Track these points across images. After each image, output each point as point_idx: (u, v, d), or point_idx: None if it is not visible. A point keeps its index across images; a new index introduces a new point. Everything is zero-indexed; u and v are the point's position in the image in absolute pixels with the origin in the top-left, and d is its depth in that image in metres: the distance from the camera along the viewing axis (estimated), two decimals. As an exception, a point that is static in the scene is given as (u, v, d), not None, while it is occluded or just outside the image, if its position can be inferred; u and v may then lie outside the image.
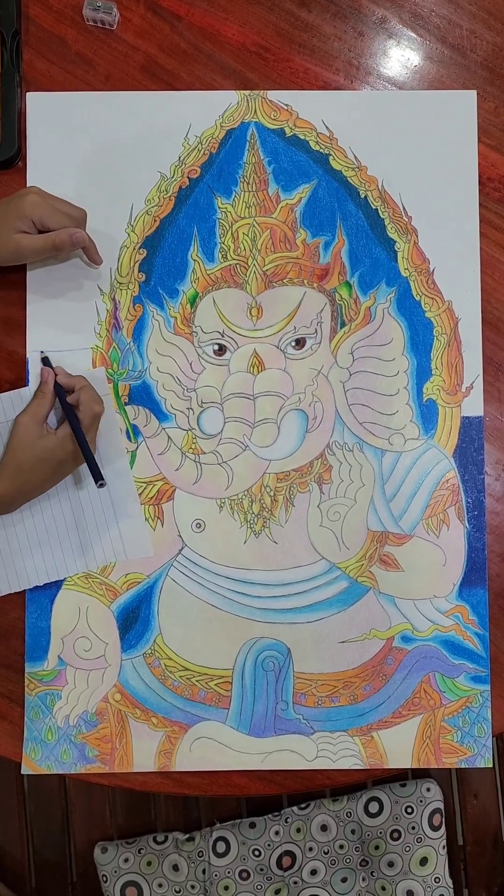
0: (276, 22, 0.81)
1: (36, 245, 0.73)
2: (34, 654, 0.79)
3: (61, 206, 0.74)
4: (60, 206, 0.74)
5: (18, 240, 0.72)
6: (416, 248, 0.80)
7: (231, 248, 0.79)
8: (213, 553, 0.79)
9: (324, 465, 0.79)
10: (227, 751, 0.78)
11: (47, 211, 0.72)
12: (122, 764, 0.78)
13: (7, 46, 0.79)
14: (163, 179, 0.80)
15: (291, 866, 1.08)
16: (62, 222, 0.73)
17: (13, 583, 0.78)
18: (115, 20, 0.80)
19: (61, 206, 0.74)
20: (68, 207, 0.74)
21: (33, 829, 1.28)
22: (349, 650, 0.78)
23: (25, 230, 0.73)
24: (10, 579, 0.78)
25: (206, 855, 1.09)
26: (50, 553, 0.78)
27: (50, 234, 0.73)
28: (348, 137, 0.80)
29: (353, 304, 0.79)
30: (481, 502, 0.79)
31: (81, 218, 0.75)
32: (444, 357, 0.79)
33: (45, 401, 0.74)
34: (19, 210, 0.72)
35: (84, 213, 0.76)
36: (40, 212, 0.72)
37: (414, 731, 0.78)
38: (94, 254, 0.77)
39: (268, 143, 0.80)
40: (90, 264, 0.78)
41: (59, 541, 0.78)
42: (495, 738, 0.79)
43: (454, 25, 0.81)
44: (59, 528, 0.78)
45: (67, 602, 0.79)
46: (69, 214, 0.74)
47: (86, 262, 0.78)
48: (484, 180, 0.80)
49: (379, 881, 1.07)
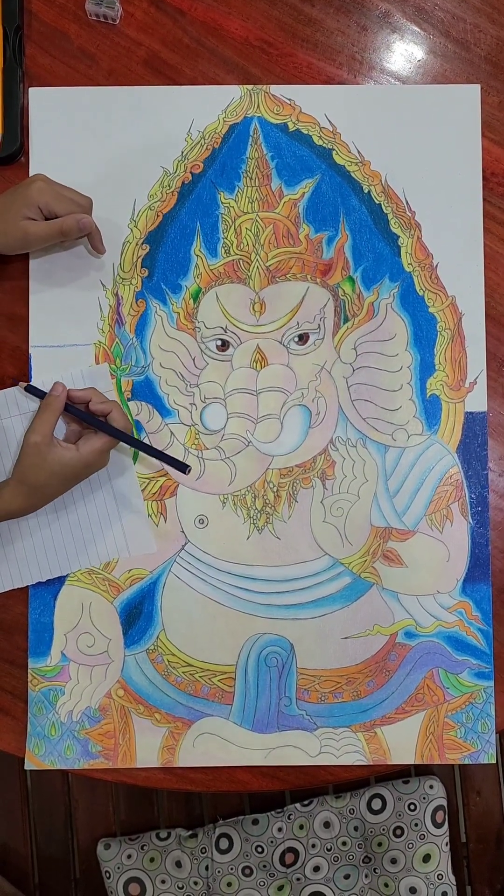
0: (279, 16, 0.81)
1: (43, 231, 0.73)
2: (37, 650, 0.79)
3: (67, 193, 0.74)
4: (66, 193, 0.74)
5: (26, 226, 0.72)
6: (419, 243, 0.79)
7: (234, 244, 0.79)
8: (216, 549, 0.79)
9: (327, 461, 0.79)
10: (230, 747, 0.78)
11: (54, 197, 0.72)
12: (125, 760, 0.78)
13: (10, 41, 0.79)
14: (165, 174, 0.79)
15: (294, 863, 1.08)
16: (69, 208, 0.73)
17: (16, 578, 0.78)
18: (118, 15, 0.80)
19: (67, 193, 0.74)
20: (74, 194, 0.74)
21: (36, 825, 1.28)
22: (352, 646, 0.78)
23: (32, 217, 0.72)
24: (13, 575, 0.78)
25: (209, 851, 1.09)
26: (53, 549, 0.78)
27: (57, 220, 0.73)
28: (351, 132, 0.79)
29: (357, 300, 0.79)
30: (485, 498, 0.79)
31: (87, 205, 0.75)
32: (447, 352, 0.79)
33: (54, 415, 0.73)
34: (26, 197, 0.72)
35: (90, 201, 0.75)
36: (47, 198, 0.72)
37: (417, 727, 0.78)
38: (98, 242, 0.77)
39: (271, 138, 0.79)
40: (93, 253, 0.78)
41: (62, 537, 0.78)
42: (499, 734, 0.79)
43: (458, 20, 0.81)
44: (62, 525, 0.78)
45: (70, 598, 0.79)
46: (75, 201, 0.74)
47: (89, 250, 0.78)
48: (487, 175, 0.80)
49: (382, 878, 1.07)
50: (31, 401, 0.76)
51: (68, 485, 0.74)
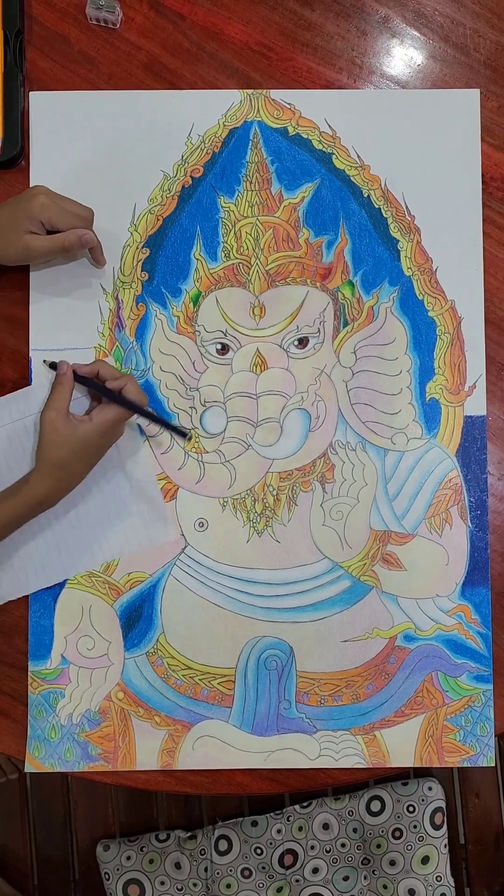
0: (280, 21, 0.81)
1: (45, 246, 0.73)
2: (37, 653, 0.79)
3: (69, 206, 0.74)
4: (68, 206, 0.74)
5: (28, 241, 0.72)
6: (418, 247, 0.80)
7: (234, 248, 0.79)
8: (216, 552, 0.79)
9: (326, 465, 0.79)
10: (229, 749, 0.78)
11: (56, 212, 0.72)
12: (124, 762, 0.78)
13: (10, 45, 0.79)
14: (166, 178, 0.80)
15: (293, 864, 1.08)
16: (71, 223, 0.73)
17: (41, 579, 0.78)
18: (119, 19, 0.80)
19: (69, 206, 0.74)
20: (76, 207, 0.74)
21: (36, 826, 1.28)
22: (352, 649, 0.78)
23: (34, 231, 0.73)
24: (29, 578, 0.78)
25: (209, 853, 1.09)
26: (76, 546, 0.78)
27: (59, 235, 0.73)
28: (351, 136, 0.80)
29: (356, 304, 0.79)
30: (484, 502, 0.79)
31: (89, 217, 0.75)
32: (446, 356, 0.79)
33: (66, 391, 0.73)
34: (28, 211, 0.72)
35: (91, 213, 0.75)
36: (49, 213, 0.72)
37: (416, 730, 0.78)
38: (99, 255, 0.77)
39: (271, 143, 0.80)
40: (94, 264, 0.79)
41: (80, 532, 0.78)
42: (497, 737, 0.79)
43: (457, 24, 0.81)
44: (80, 517, 0.78)
45: (70, 600, 0.79)
46: (77, 214, 0.74)
47: (90, 262, 0.79)
48: (487, 179, 0.80)
49: (380, 880, 1.07)
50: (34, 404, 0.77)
51: (89, 460, 0.73)
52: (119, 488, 0.78)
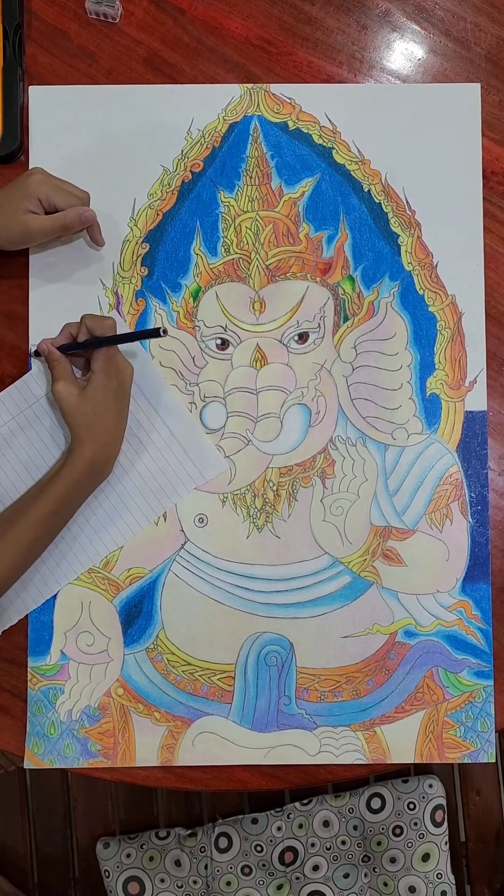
0: (280, 15, 0.81)
1: (45, 225, 0.73)
2: (37, 649, 0.79)
3: (66, 186, 0.74)
4: (65, 186, 0.74)
5: (27, 220, 0.72)
6: (419, 242, 0.79)
7: (234, 243, 0.79)
8: (216, 548, 0.79)
9: (327, 460, 0.79)
10: (229, 745, 0.78)
11: (53, 189, 0.73)
12: (124, 758, 0.78)
13: (10, 40, 0.79)
14: (165, 173, 0.79)
15: (293, 862, 1.08)
16: (69, 200, 0.73)
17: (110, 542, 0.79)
18: (118, 13, 0.80)
19: (66, 186, 0.74)
20: (72, 187, 0.75)
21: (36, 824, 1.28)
22: (352, 645, 0.78)
23: (33, 210, 0.73)
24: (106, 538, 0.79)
25: (209, 850, 1.09)
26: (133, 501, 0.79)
27: (59, 213, 0.73)
28: (352, 131, 0.79)
29: (357, 299, 0.79)
30: (484, 497, 0.79)
31: (86, 198, 0.76)
32: (447, 351, 0.79)
33: (62, 361, 0.73)
34: (25, 190, 0.72)
35: (88, 195, 0.76)
36: (47, 190, 0.72)
37: (417, 726, 0.78)
38: (97, 234, 0.77)
39: (271, 137, 0.79)
40: (92, 245, 0.78)
41: (152, 481, 0.79)
42: (498, 733, 0.79)
43: (458, 18, 0.81)
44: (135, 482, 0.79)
45: (70, 597, 0.79)
46: (74, 193, 0.74)
47: (88, 242, 0.78)
48: (488, 174, 0.80)
49: (381, 877, 1.07)
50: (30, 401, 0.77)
51: (116, 407, 0.73)
52: (161, 439, 0.78)
